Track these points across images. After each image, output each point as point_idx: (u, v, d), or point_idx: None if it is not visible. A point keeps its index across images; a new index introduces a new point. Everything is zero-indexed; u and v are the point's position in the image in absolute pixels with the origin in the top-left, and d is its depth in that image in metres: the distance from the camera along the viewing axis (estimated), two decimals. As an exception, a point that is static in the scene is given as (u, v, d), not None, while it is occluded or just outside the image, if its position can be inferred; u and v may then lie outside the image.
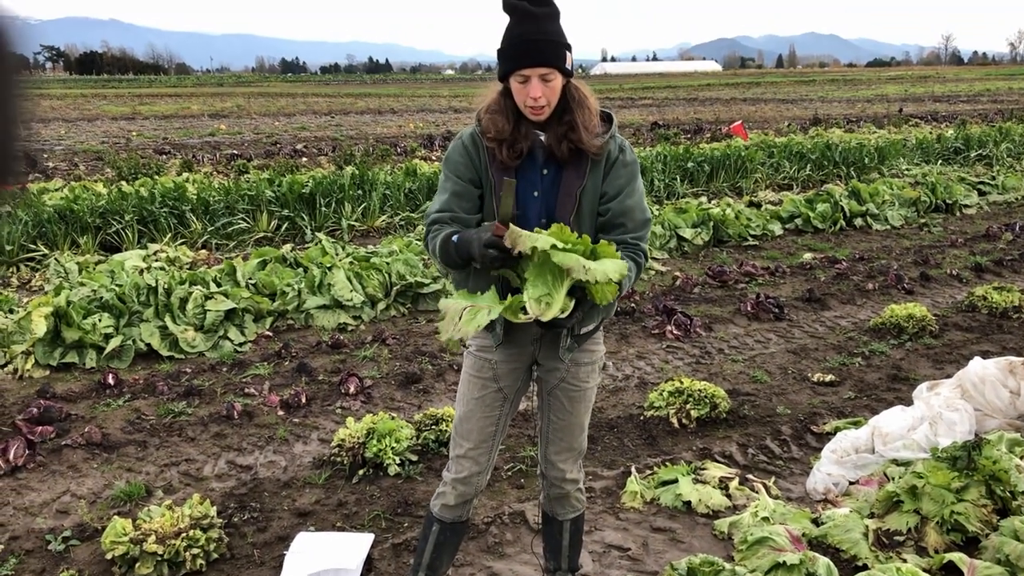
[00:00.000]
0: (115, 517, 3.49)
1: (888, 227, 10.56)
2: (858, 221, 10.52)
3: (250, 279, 6.85)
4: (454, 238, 2.41)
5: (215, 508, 3.61)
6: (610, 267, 2.21)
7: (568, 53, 2.43)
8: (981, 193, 12.59)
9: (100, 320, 5.82)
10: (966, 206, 11.82)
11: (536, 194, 2.51)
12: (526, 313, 2.23)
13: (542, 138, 2.49)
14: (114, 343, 5.71)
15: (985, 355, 5.09)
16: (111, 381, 5.22)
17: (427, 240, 2.55)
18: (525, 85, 2.40)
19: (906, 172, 14.17)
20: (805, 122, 25.12)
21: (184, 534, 3.33)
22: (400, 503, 3.84)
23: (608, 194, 2.53)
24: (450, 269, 2.54)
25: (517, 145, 2.48)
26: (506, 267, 2.33)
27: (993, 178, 13.32)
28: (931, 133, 19.09)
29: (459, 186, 2.54)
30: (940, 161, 15.60)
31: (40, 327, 5.58)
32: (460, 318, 2.24)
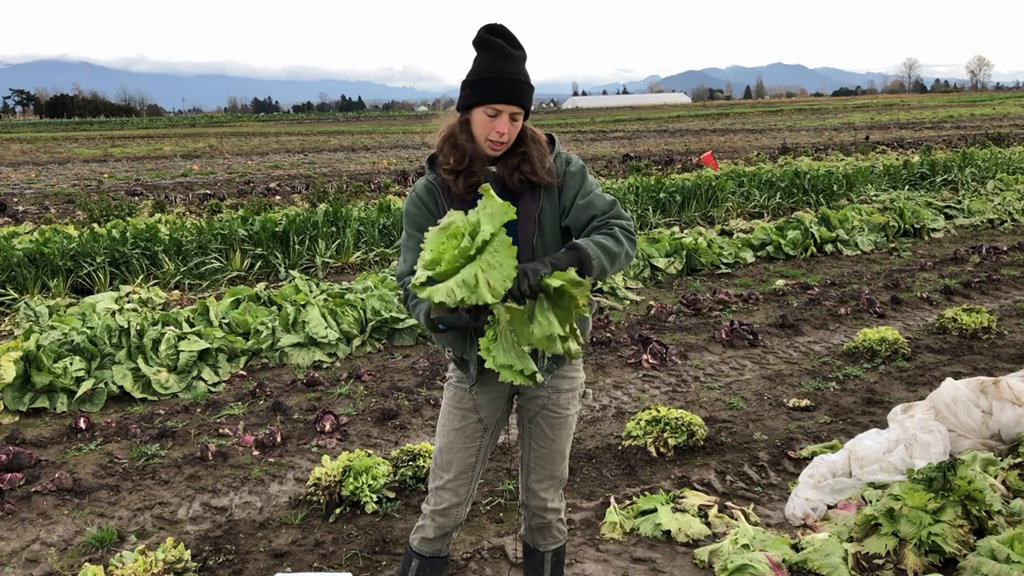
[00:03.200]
0: (86, 564, 3.42)
1: (858, 252, 10.69)
2: (828, 247, 10.65)
3: (223, 318, 6.80)
4: (440, 324, 2.42)
5: (189, 551, 3.55)
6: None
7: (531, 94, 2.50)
8: (948, 217, 12.81)
9: (71, 363, 5.75)
10: (934, 230, 12.01)
11: None
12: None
13: (493, 170, 2.53)
14: (85, 386, 5.63)
15: (957, 376, 5.15)
16: (82, 425, 5.14)
17: (407, 306, 2.59)
18: (494, 119, 2.44)
19: (874, 198, 14.40)
20: (774, 151, 25.48)
21: (157, 579, 3.27)
22: (378, 541, 3.79)
23: (566, 206, 2.56)
24: (434, 334, 2.58)
25: (472, 178, 2.50)
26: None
27: (959, 202, 13.56)
28: (898, 159, 19.45)
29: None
30: (907, 187, 15.87)
31: (9, 372, 5.49)
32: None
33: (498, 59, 2.43)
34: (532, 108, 2.52)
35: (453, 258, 2.17)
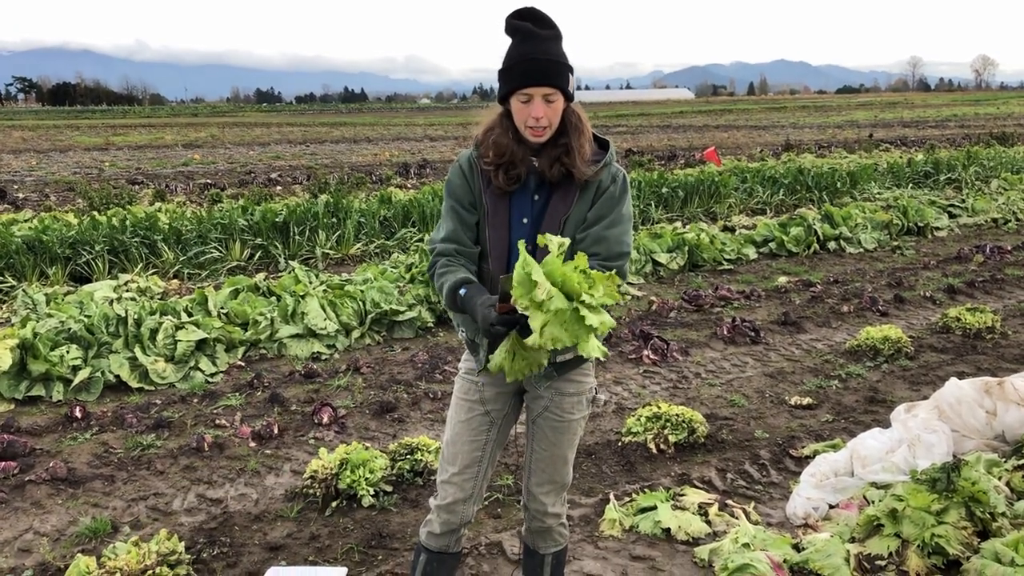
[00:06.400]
0: (79, 555, 3.38)
1: (861, 250, 10.64)
2: (832, 244, 10.59)
3: (222, 308, 6.76)
4: (462, 291, 2.41)
5: (183, 543, 3.51)
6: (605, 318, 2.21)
7: (570, 75, 2.41)
8: (951, 216, 12.75)
9: (68, 352, 5.70)
10: (937, 229, 11.96)
11: (525, 221, 2.49)
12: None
13: (535, 163, 2.47)
14: (82, 375, 5.59)
15: (960, 376, 5.10)
16: (78, 414, 5.10)
17: (433, 274, 2.56)
18: (528, 105, 2.39)
19: (878, 196, 14.33)
20: (777, 148, 25.41)
21: (150, 571, 3.23)
22: (374, 535, 3.75)
23: (589, 221, 2.48)
24: (453, 312, 2.55)
25: (514, 170, 2.46)
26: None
27: (963, 201, 13.50)
28: (901, 158, 19.37)
29: (460, 212, 2.54)
30: (911, 185, 15.80)
31: (5, 360, 5.45)
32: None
33: (525, 43, 2.37)
34: None
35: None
